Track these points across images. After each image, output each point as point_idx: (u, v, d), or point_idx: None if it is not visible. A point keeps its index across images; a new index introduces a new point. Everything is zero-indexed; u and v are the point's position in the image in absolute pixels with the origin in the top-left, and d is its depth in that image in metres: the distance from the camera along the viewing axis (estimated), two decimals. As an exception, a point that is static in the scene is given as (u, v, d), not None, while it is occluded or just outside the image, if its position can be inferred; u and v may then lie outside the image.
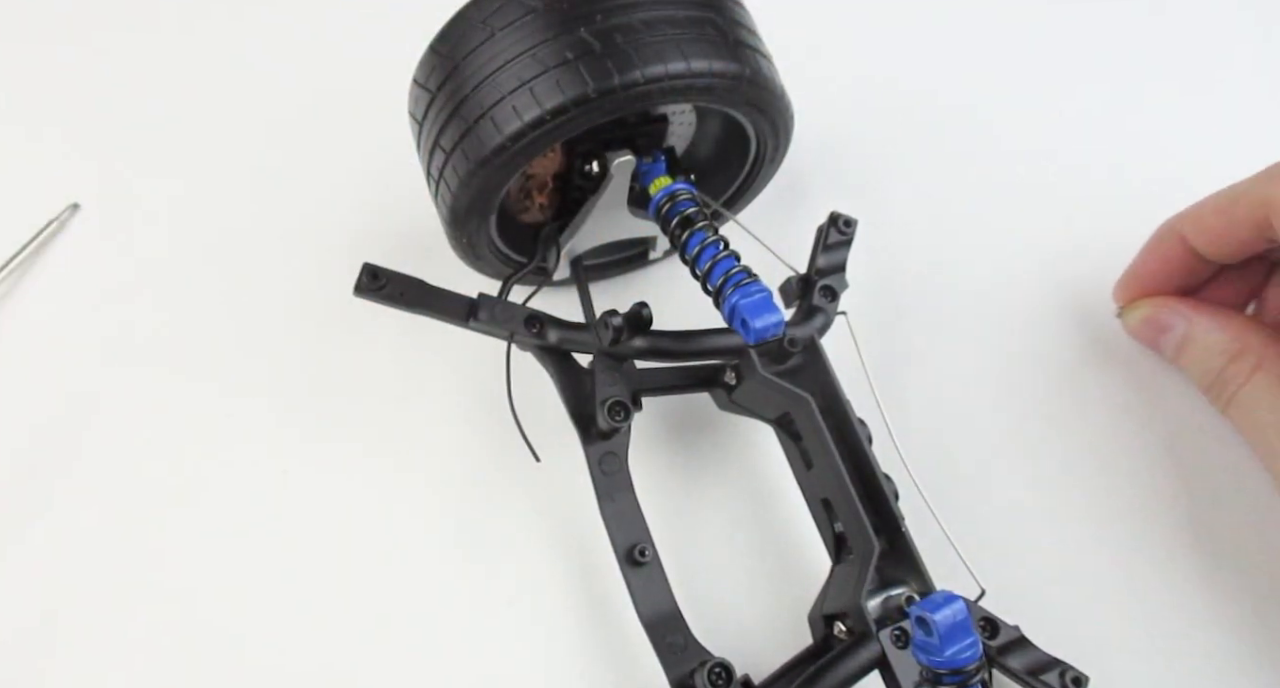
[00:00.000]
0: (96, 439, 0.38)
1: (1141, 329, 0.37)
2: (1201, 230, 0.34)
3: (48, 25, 0.50)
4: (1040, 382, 0.39)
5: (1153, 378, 0.39)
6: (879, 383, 0.34)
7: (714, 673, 0.29)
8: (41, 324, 0.41)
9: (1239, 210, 0.32)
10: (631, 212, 0.36)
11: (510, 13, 0.29)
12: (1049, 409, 0.38)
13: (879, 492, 0.31)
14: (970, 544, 0.32)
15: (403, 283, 0.31)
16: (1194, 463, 0.37)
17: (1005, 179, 0.44)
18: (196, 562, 0.36)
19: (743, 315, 0.30)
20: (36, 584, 0.35)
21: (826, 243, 0.35)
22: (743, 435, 0.38)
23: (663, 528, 0.34)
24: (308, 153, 0.45)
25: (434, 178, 0.32)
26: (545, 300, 0.36)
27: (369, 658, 0.34)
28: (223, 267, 0.42)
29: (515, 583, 0.35)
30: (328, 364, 0.39)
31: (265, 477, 0.37)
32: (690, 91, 0.30)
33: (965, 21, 0.49)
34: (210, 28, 0.50)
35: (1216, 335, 0.34)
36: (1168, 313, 0.36)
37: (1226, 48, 0.48)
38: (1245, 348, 0.33)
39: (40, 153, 0.46)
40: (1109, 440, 0.37)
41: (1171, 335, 0.35)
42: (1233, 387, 0.33)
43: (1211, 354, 0.34)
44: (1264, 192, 0.31)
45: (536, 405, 0.35)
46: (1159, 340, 0.36)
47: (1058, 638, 0.30)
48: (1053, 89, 0.47)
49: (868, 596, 0.29)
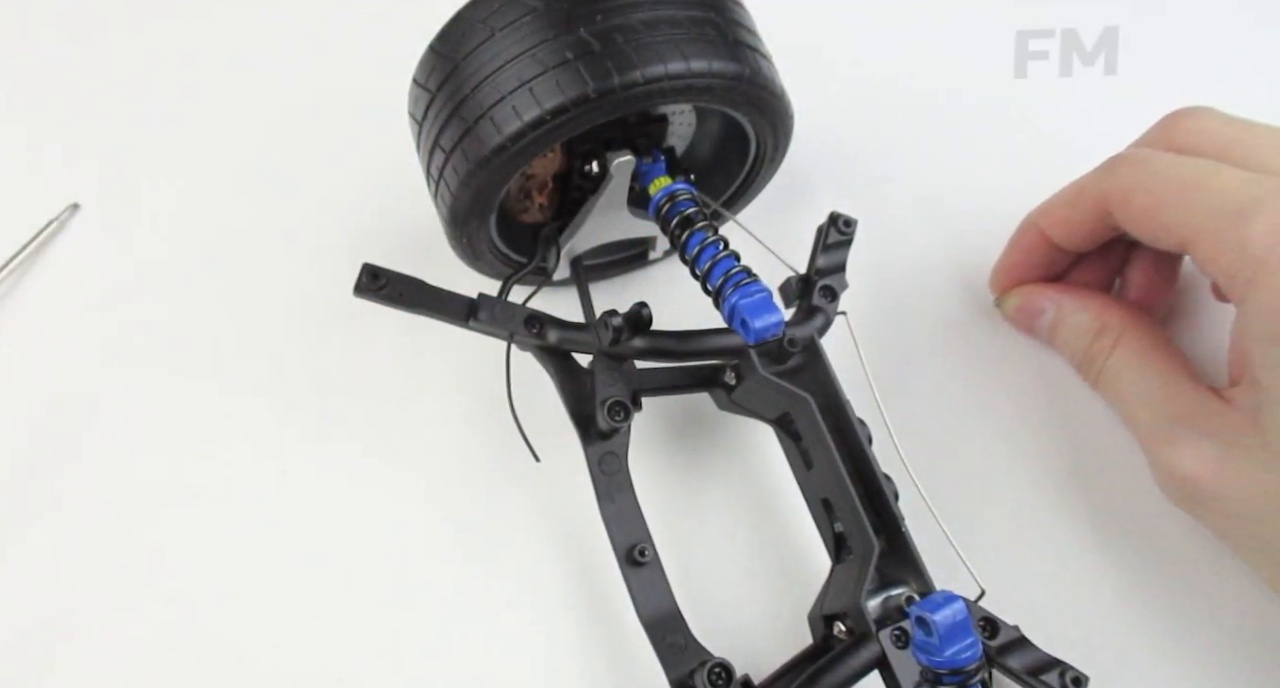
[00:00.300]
0: (96, 439, 0.38)
1: (1017, 316, 0.39)
2: (1054, 223, 0.36)
3: (48, 25, 0.50)
4: (1041, 382, 0.39)
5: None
6: (879, 383, 0.34)
7: (714, 673, 0.29)
8: (41, 324, 0.41)
9: (1084, 203, 0.34)
10: (631, 212, 0.36)
11: (510, 13, 0.29)
12: (1049, 409, 0.38)
13: (879, 492, 0.31)
14: (970, 544, 0.32)
15: (403, 283, 0.31)
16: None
17: (1006, 179, 0.44)
18: (196, 562, 0.36)
19: (743, 315, 0.30)
20: (36, 584, 0.35)
21: (826, 243, 0.35)
22: (743, 435, 0.38)
23: (663, 528, 0.34)
24: (308, 153, 0.45)
25: (434, 178, 0.32)
26: (545, 300, 0.36)
27: (369, 658, 0.34)
28: (223, 267, 0.42)
29: (515, 583, 0.35)
30: (328, 364, 0.39)
31: (265, 477, 0.37)
32: (690, 92, 0.30)
33: (965, 22, 0.50)
34: (210, 28, 0.50)
35: (1081, 315, 0.36)
36: (1037, 298, 0.38)
37: (1226, 48, 0.48)
38: (1106, 325, 0.35)
39: (40, 153, 0.46)
40: (1110, 440, 0.37)
41: (1043, 319, 0.37)
42: (1099, 362, 0.35)
43: (1078, 333, 0.36)
44: (1102, 185, 0.33)
45: (536, 405, 0.35)
46: (1033, 325, 0.38)
47: (1058, 638, 0.30)
48: (1053, 89, 0.47)
49: (868, 596, 0.29)
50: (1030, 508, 0.36)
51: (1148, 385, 0.33)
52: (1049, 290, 0.38)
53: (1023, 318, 0.38)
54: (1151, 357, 0.34)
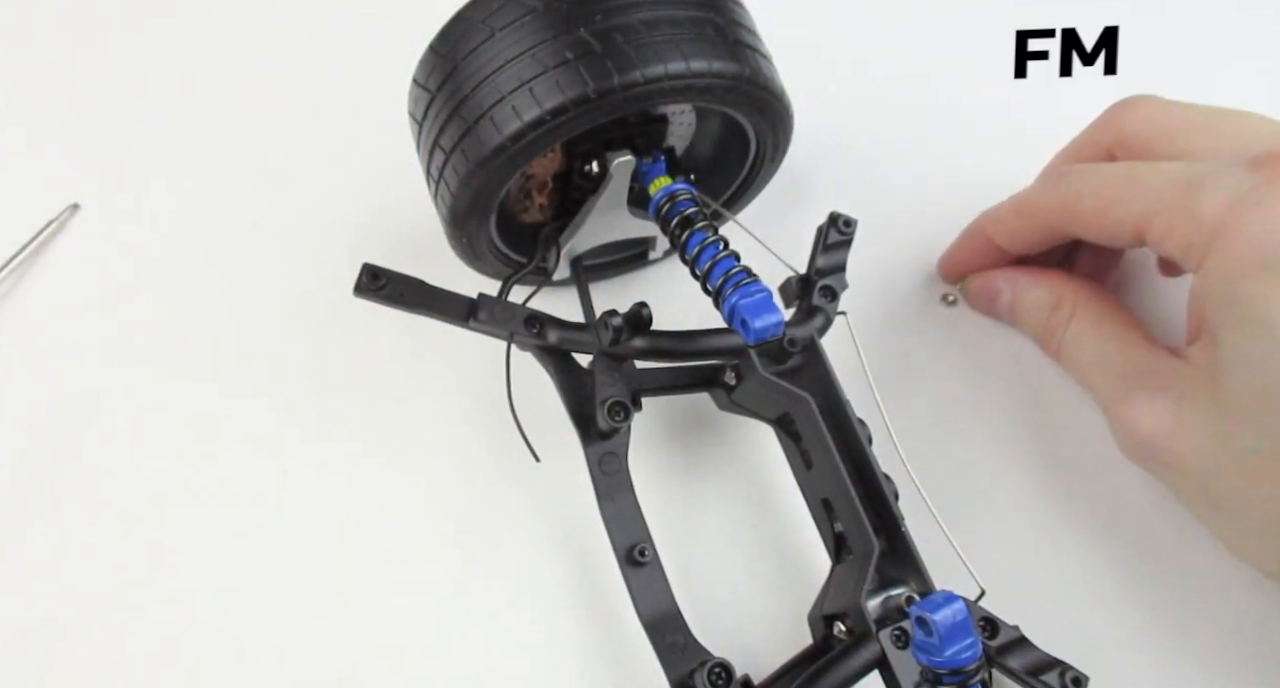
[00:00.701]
0: (96, 439, 0.38)
1: (976, 300, 0.40)
2: (1002, 232, 0.38)
3: (48, 25, 0.50)
4: (1041, 382, 0.39)
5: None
6: (879, 383, 0.34)
7: (714, 673, 0.29)
8: (41, 324, 0.41)
9: (1033, 215, 0.36)
10: (631, 212, 0.36)
11: (510, 13, 0.29)
12: (1050, 409, 0.38)
13: (879, 492, 0.31)
14: (970, 544, 0.32)
15: (403, 283, 0.31)
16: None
17: (1006, 179, 0.44)
18: (196, 562, 0.36)
19: (743, 315, 0.30)
20: (36, 584, 0.35)
21: (826, 243, 0.35)
22: (743, 435, 0.38)
23: (663, 528, 0.34)
24: (308, 153, 0.45)
25: (434, 178, 0.32)
26: (545, 300, 0.36)
27: (369, 658, 0.34)
28: (223, 267, 0.42)
29: (515, 583, 0.35)
30: (328, 364, 0.39)
31: (265, 477, 0.37)
32: (690, 92, 0.30)
33: (966, 22, 0.50)
34: (210, 28, 0.50)
35: (1036, 291, 0.37)
36: (993, 280, 0.39)
37: (1226, 48, 0.48)
38: (1062, 298, 0.37)
39: (40, 153, 0.46)
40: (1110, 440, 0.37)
41: (1001, 300, 0.39)
42: (1058, 335, 0.37)
43: (1035, 308, 0.37)
44: (1050, 197, 0.35)
45: (536, 405, 0.35)
46: (993, 306, 0.39)
47: (1058, 638, 0.30)
48: (1054, 90, 0.47)
49: (868, 596, 0.29)
50: (1030, 508, 0.36)
51: (1104, 349, 0.35)
52: (1003, 272, 0.39)
53: (982, 301, 0.40)
54: (1108, 323, 0.35)
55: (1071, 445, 0.37)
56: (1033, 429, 0.38)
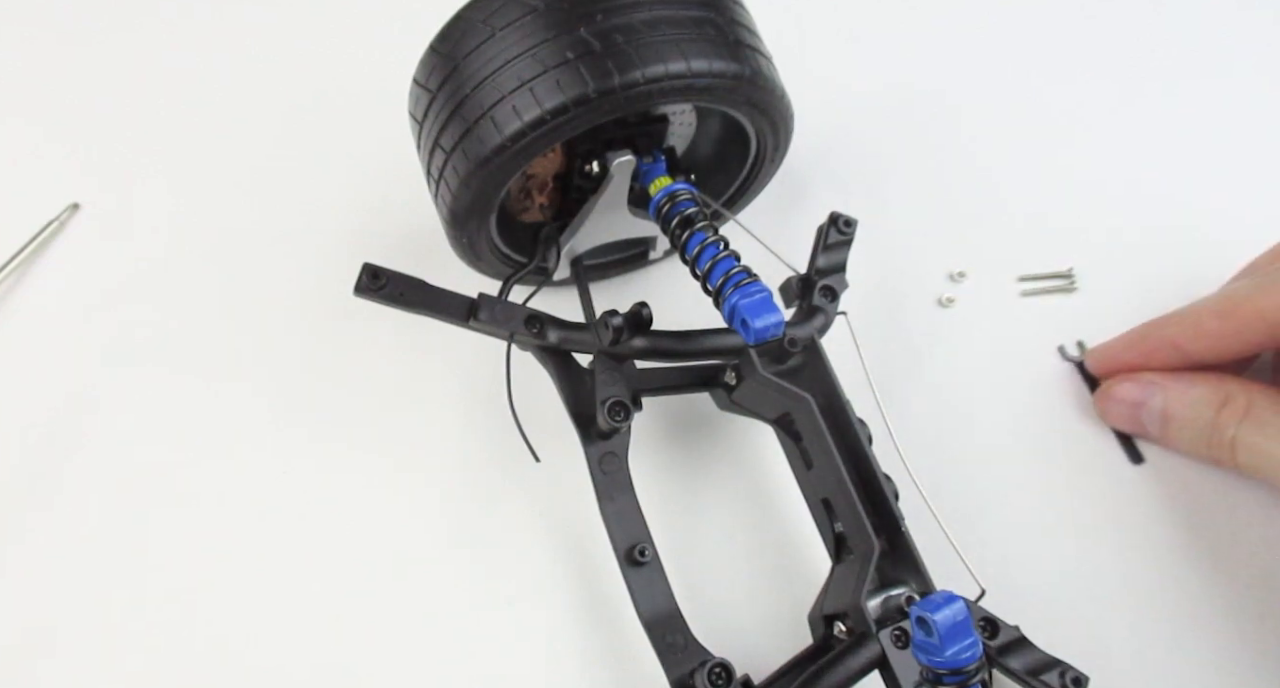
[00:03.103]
0: (96, 439, 0.38)
1: (1118, 407, 0.36)
2: (1198, 337, 0.34)
3: (47, 25, 0.50)
4: (1041, 382, 0.39)
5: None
6: (879, 383, 0.34)
7: (714, 673, 0.29)
8: (41, 324, 0.41)
9: (1240, 318, 0.32)
10: (631, 212, 0.36)
11: (510, 12, 0.29)
12: (1050, 408, 0.38)
13: (879, 492, 0.31)
14: (970, 544, 0.32)
15: (403, 283, 0.31)
16: (1196, 462, 0.37)
17: (1006, 180, 0.44)
18: (196, 562, 0.36)
19: (743, 315, 0.30)
20: (36, 584, 0.35)
21: (826, 243, 0.35)
22: (743, 435, 0.38)
23: (663, 528, 0.34)
24: (307, 153, 0.45)
25: (434, 178, 0.32)
26: (545, 300, 0.36)
27: (369, 658, 0.34)
28: (223, 266, 0.42)
29: (515, 583, 0.35)
30: (328, 364, 0.39)
31: (265, 477, 0.37)
32: (690, 91, 0.30)
33: (966, 22, 0.50)
34: (210, 28, 0.50)
35: (1197, 390, 0.34)
36: (1140, 385, 0.36)
37: (1226, 49, 0.49)
38: (1229, 395, 0.33)
39: (40, 153, 0.46)
40: (1109, 439, 0.38)
41: (1150, 406, 0.35)
42: (1230, 430, 0.33)
43: (1200, 407, 0.34)
44: (1267, 299, 0.32)
45: (536, 405, 0.35)
46: (1136, 414, 0.36)
47: (1058, 638, 0.30)
48: (1054, 90, 0.47)
49: (868, 596, 0.29)
50: (1030, 508, 0.36)
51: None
52: (1148, 376, 0.35)
53: (1122, 408, 0.36)
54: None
55: (1072, 447, 0.37)
56: (1033, 429, 0.38)
